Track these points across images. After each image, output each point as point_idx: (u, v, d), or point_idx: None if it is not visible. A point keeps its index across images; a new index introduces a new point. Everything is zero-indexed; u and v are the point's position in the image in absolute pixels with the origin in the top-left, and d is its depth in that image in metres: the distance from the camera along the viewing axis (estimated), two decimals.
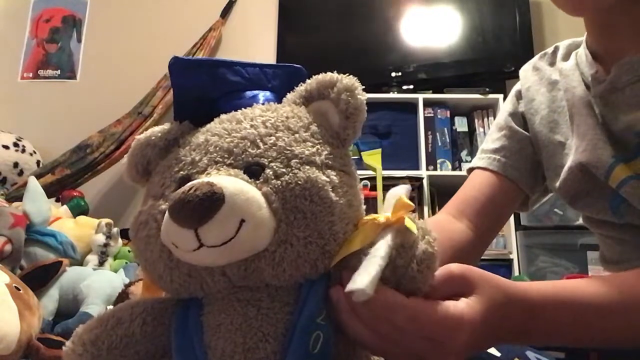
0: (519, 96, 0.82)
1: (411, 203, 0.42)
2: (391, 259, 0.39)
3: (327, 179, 0.42)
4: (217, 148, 0.44)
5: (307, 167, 0.42)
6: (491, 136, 0.83)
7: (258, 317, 0.41)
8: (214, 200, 0.37)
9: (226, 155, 0.43)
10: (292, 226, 0.40)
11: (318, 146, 0.44)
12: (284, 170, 0.41)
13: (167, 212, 0.40)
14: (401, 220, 0.41)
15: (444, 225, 0.75)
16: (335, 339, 0.41)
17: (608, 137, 0.64)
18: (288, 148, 0.43)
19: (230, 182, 0.39)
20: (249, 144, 0.43)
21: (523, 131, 0.79)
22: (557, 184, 0.72)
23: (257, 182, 0.41)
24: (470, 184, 0.80)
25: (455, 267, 0.44)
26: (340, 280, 0.42)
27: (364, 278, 0.37)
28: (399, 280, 0.40)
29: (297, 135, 0.44)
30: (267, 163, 0.42)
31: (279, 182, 0.41)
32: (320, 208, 0.41)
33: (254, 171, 0.42)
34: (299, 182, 0.41)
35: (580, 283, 0.51)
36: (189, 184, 0.39)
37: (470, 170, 0.83)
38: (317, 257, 0.41)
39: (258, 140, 0.43)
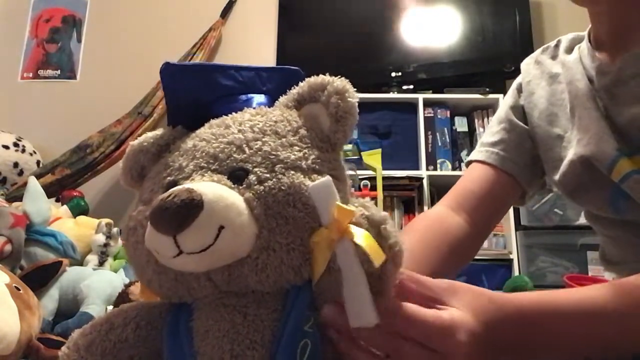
0: (519, 89, 0.81)
1: (350, 208, 0.40)
2: (366, 271, 0.38)
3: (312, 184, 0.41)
4: (204, 153, 0.44)
5: (292, 172, 0.41)
6: (491, 129, 0.82)
7: (245, 323, 0.40)
8: (192, 207, 0.37)
9: (211, 161, 0.43)
10: (274, 232, 0.40)
11: (305, 150, 0.43)
12: (267, 175, 0.41)
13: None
14: (350, 231, 0.39)
15: (442, 218, 0.75)
16: (323, 346, 0.41)
17: (612, 130, 0.64)
18: (273, 153, 0.42)
19: (210, 189, 0.39)
20: (234, 149, 0.43)
21: (523, 125, 0.79)
22: (557, 177, 0.71)
23: (240, 187, 0.41)
24: (469, 177, 0.80)
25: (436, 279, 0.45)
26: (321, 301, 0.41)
27: (364, 310, 0.37)
28: (380, 285, 0.40)
29: (284, 139, 0.44)
30: (251, 168, 0.42)
31: (261, 187, 0.40)
32: (302, 214, 0.40)
33: (238, 176, 0.42)
34: (282, 188, 0.40)
35: (578, 290, 0.51)
36: (170, 190, 0.39)
37: (469, 163, 0.83)
38: (301, 264, 0.41)
39: (244, 145, 0.43)
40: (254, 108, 0.48)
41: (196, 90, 0.50)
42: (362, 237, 0.38)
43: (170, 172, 0.45)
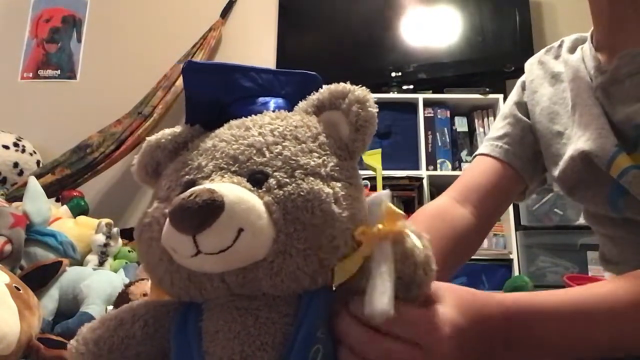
0: (523, 86, 0.83)
1: (400, 211, 0.41)
2: (397, 271, 0.39)
3: (331, 191, 0.41)
4: (224, 154, 0.44)
5: (312, 178, 0.42)
6: (495, 125, 0.84)
7: (256, 325, 0.40)
8: (213, 207, 0.37)
9: (231, 162, 0.43)
10: (291, 237, 0.40)
11: (325, 157, 0.44)
12: (287, 180, 0.41)
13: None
14: (396, 230, 0.40)
15: (447, 210, 0.75)
16: (335, 353, 0.41)
17: (610, 127, 0.65)
18: (293, 158, 0.42)
19: (231, 190, 0.39)
20: (254, 151, 0.43)
21: (526, 119, 0.80)
22: (556, 173, 0.72)
23: (260, 190, 0.41)
24: (474, 170, 0.81)
25: None
26: (346, 303, 0.42)
27: (381, 298, 0.37)
28: (408, 289, 0.40)
29: (304, 145, 0.44)
30: (271, 172, 0.42)
31: (281, 192, 0.40)
32: (321, 221, 0.40)
33: (257, 179, 0.42)
34: (302, 193, 0.40)
35: (571, 290, 0.51)
36: (190, 190, 0.39)
37: (474, 158, 0.83)
38: (316, 270, 0.41)
39: (264, 149, 0.43)
40: (273, 111, 0.49)
41: (216, 90, 0.50)
42: (408, 232, 0.40)
43: (188, 170, 0.45)
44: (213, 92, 0.50)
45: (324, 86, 0.48)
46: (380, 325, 0.39)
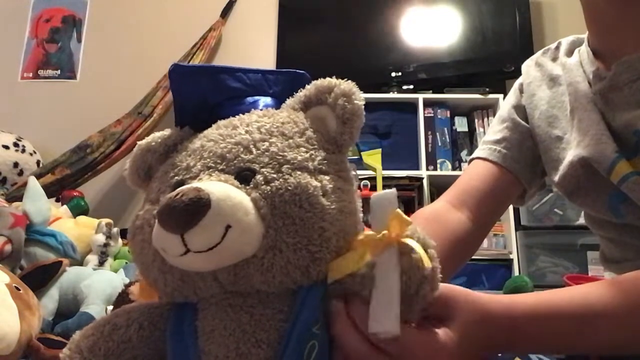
0: (521, 89, 0.82)
1: (408, 219, 0.40)
2: (402, 283, 0.38)
3: (319, 184, 0.42)
4: (211, 153, 0.44)
5: (299, 172, 0.42)
6: (493, 128, 0.83)
7: (251, 322, 0.40)
8: (199, 205, 0.37)
9: (219, 161, 0.43)
10: (280, 232, 0.40)
11: (312, 151, 0.44)
12: (274, 175, 0.41)
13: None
14: (404, 239, 0.39)
15: (444, 214, 0.75)
16: (330, 348, 0.41)
17: (610, 133, 0.64)
18: (280, 153, 0.43)
19: (217, 188, 0.39)
20: (242, 149, 0.43)
21: (525, 124, 0.79)
22: (556, 178, 0.72)
23: (247, 187, 0.41)
24: (472, 174, 0.80)
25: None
26: (340, 303, 0.41)
27: (388, 318, 0.37)
28: (412, 303, 0.39)
29: (291, 140, 0.44)
30: (258, 168, 0.42)
31: (268, 187, 0.41)
32: (310, 214, 0.40)
33: (245, 176, 0.42)
34: (289, 188, 0.41)
35: (568, 293, 0.51)
36: (178, 189, 0.39)
37: (471, 161, 0.83)
38: (308, 264, 0.41)
39: (251, 146, 0.43)
40: (261, 110, 0.49)
41: (204, 92, 0.50)
42: (416, 245, 0.39)
43: (177, 171, 0.45)
44: (201, 94, 0.50)
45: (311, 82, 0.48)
46: (390, 348, 0.39)
